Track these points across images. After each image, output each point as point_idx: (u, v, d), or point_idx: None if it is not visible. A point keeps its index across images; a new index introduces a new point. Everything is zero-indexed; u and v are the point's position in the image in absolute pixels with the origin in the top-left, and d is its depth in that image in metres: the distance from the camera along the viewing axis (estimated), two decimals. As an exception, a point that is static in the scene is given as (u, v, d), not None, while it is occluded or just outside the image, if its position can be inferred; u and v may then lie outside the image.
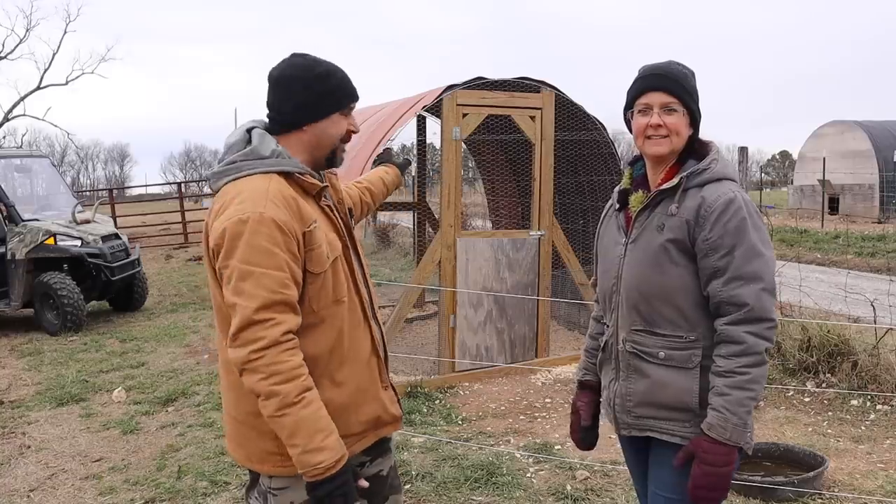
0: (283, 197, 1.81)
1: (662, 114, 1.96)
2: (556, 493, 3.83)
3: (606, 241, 2.16)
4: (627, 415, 2.06)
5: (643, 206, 2.01)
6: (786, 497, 3.68)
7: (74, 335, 8.14)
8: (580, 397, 2.32)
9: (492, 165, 9.01)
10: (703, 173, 1.95)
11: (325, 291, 1.88)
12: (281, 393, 1.72)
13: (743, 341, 1.85)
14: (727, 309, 1.88)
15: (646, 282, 1.97)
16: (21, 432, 5.09)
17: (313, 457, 1.73)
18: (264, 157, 1.88)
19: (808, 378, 5.43)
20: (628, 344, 2.03)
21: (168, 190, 48.89)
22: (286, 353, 1.74)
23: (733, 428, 1.83)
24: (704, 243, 1.89)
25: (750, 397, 1.85)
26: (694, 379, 1.94)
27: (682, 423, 1.97)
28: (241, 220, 1.76)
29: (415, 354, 6.63)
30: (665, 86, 1.96)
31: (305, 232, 1.82)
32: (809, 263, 13.49)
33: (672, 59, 2.05)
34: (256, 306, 1.72)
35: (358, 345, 1.98)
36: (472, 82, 6.02)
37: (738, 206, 1.89)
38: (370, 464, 2.14)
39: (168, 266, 14.66)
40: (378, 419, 2.04)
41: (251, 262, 1.74)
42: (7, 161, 9.46)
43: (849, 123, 22.82)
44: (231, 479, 4.10)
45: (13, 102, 30.56)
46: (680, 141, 1.99)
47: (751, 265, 1.87)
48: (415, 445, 4.51)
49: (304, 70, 1.92)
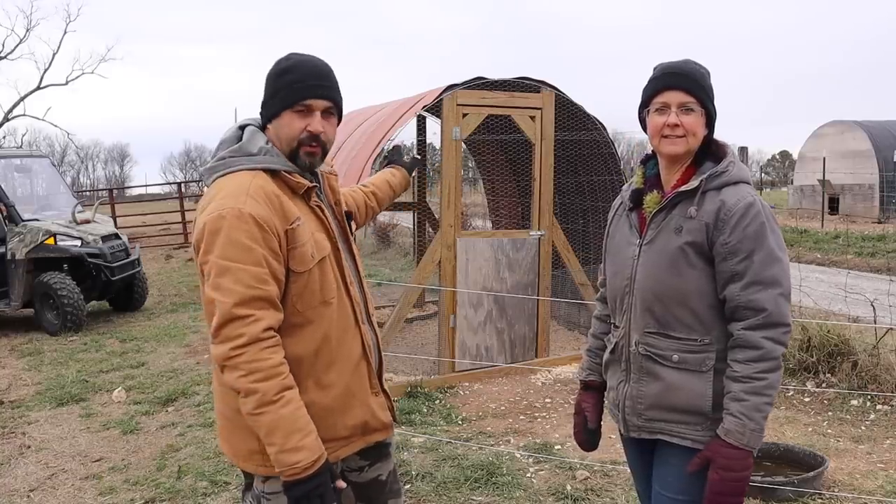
0: (264, 193, 1.80)
1: (680, 113, 1.93)
2: (556, 493, 3.83)
3: (618, 240, 2.11)
4: (638, 417, 2.04)
5: (659, 207, 1.98)
6: (786, 497, 3.68)
7: (74, 335, 8.14)
8: (585, 398, 2.29)
9: (492, 165, 9.01)
10: (722, 176, 1.94)
11: (310, 291, 1.86)
12: (260, 390, 1.71)
13: (761, 346, 1.84)
14: (745, 313, 1.87)
15: (661, 284, 1.94)
16: (21, 432, 5.09)
17: (290, 456, 1.72)
18: (251, 153, 1.88)
19: (808, 378, 5.43)
20: (641, 346, 2.00)
21: (168, 190, 48.86)
22: (266, 350, 1.73)
23: (751, 433, 1.83)
24: (723, 247, 1.88)
25: (767, 402, 1.84)
26: (707, 382, 1.93)
27: (693, 426, 1.95)
28: (219, 216, 1.76)
29: (415, 354, 6.63)
30: (683, 84, 1.94)
31: (288, 229, 1.81)
32: (809, 263, 13.49)
33: (687, 58, 2.02)
34: (234, 301, 1.72)
35: (347, 348, 1.95)
36: (472, 82, 6.02)
37: (758, 210, 1.88)
38: (368, 468, 2.13)
39: (168, 266, 14.66)
40: (366, 425, 2.02)
41: (229, 258, 1.74)
42: (7, 161, 9.46)
43: (849, 123, 22.80)
44: (231, 479, 4.10)
45: (13, 102, 30.59)
46: (696, 141, 1.96)
47: (769, 270, 1.86)
48: (415, 445, 4.51)
49: (273, 66, 1.92)
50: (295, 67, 1.88)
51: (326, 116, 1.92)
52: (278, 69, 1.90)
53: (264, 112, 1.93)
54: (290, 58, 1.92)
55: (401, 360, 6.43)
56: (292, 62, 1.90)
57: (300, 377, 1.85)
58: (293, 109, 1.88)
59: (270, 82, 1.91)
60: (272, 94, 1.90)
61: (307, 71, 1.88)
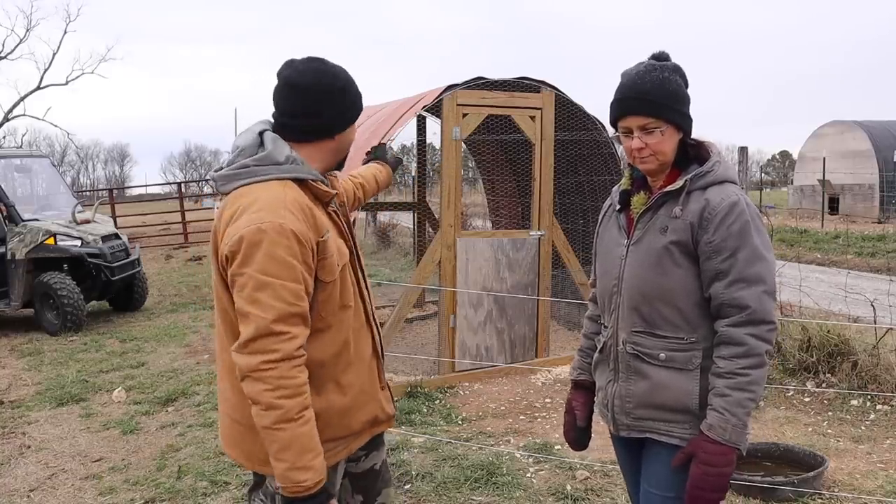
0: (300, 206, 1.80)
1: (643, 136, 1.94)
2: (556, 493, 3.83)
3: (607, 241, 2.14)
4: (626, 416, 2.05)
5: (646, 207, 2.00)
6: (786, 497, 3.68)
7: (74, 335, 8.14)
8: (575, 397, 2.31)
9: (492, 165, 9.01)
10: (707, 176, 1.95)
11: (333, 298, 1.88)
12: (284, 407, 1.71)
13: (744, 343, 1.86)
14: (729, 311, 1.88)
15: (648, 283, 1.96)
16: (21, 432, 5.09)
17: (299, 475, 1.73)
18: (279, 162, 1.85)
19: (808, 378, 5.42)
20: (629, 345, 2.02)
21: (168, 190, 48.93)
22: (296, 369, 1.74)
23: (733, 429, 1.84)
24: (707, 246, 1.89)
25: (750, 398, 1.85)
26: (694, 381, 1.94)
27: (681, 424, 1.97)
28: (259, 229, 1.73)
29: (415, 354, 6.63)
30: (640, 109, 1.93)
31: (319, 241, 1.82)
32: (809, 263, 13.49)
33: (650, 58, 2.00)
34: (273, 318, 1.71)
35: (362, 348, 1.99)
36: (472, 82, 6.02)
37: (742, 209, 1.89)
38: (365, 458, 2.17)
39: (168, 266, 14.66)
40: (375, 418, 2.07)
41: (269, 273, 1.72)
42: (7, 161, 9.46)
43: (849, 123, 22.81)
44: (231, 479, 4.10)
45: (13, 102, 30.58)
46: (665, 157, 1.97)
47: (753, 268, 1.87)
48: (415, 445, 4.51)
49: (334, 79, 1.92)
50: (352, 81, 1.97)
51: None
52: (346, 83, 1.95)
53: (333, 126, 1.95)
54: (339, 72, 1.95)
55: (401, 360, 6.43)
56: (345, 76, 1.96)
57: (322, 380, 1.87)
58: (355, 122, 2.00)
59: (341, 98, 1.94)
60: (346, 109, 1.95)
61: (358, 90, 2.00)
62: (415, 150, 9.03)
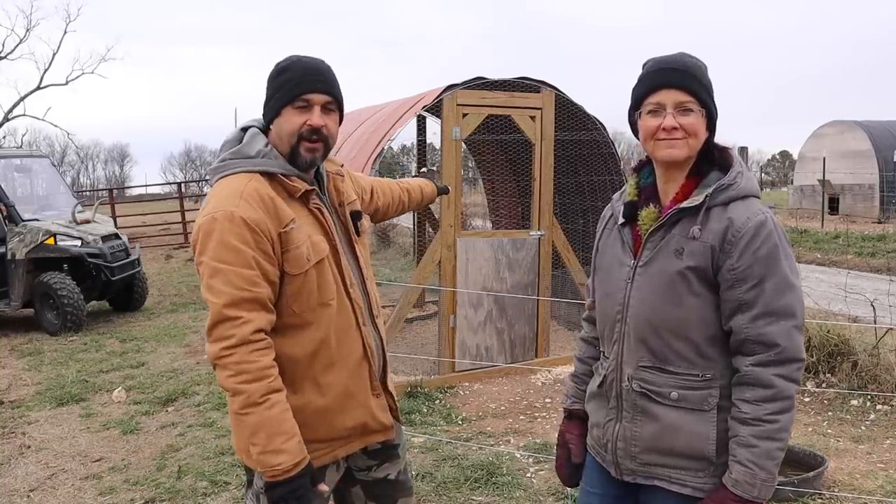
0: (258, 196, 1.82)
1: (678, 114, 1.70)
2: (556, 492, 3.83)
3: (609, 259, 1.87)
4: (631, 461, 1.81)
5: (657, 224, 1.74)
6: (786, 497, 3.68)
7: (74, 335, 8.14)
8: (570, 429, 2.06)
9: (492, 165, 9.01)
10: (729, 189, 1.70)
11: (306, 293, 1.87)
12: (246, 391, 1.73)
13: (772, 385, 1.63)
14: (753, 348, 1.65)
15: (658, 313, 1.72)
16: (21, 432, 5.09)
17: (272, 458, 1.74)
18: (249, 156, 1.90)
19: (808, 378, 5.43)
20: (635, 382, 1.77)
21: (168, 190, 48.88)
22: (255, 352, 1.75)
23: (762, 484, 1.63)
24: (731, 273, 1.65)
25: (779, 448, 1.64)
26: (710, 423, 1.71)
27: (694, 472, 1.73)
28: (212, 218, 1.79)
29: (415, 354, 6.63)
30: (680, 82, 1.70)
31: (281, 232, 1.83)
32: (809, 263, 13.51)
33: (682, 51, 1.79)
34: (224, 303, 1.75)
35: (347, 350, 1.95)
36: (472, 82, 6.02)
37: (770, 230, 1.65)
38: (377, 468, 2.15)
39: (168, 266, 14.67)
40: (365, 426, 2.02)
41: (221, 260, 1.77)
42: (7, 161, 9.47)
43: (849, 123, 22.81)
44: (231, 479, 4.10)
45: (13, 102, 30.65)
46: (698, 143, 1.73)
47: (783, 299, 1.64)
48: (415, 445, 4.51)
49: (272, 69, 1.94)
50: (292, 66, 1.90)
51: (327, 111, 1.92)
52: (276, 69, 1.92)
53: (266, 114, 1.95)
54: (287, 59, 1.94)
55: (401, 360, 6.43)
56: (289, 62, 1.92)
57: (297, 378, 1.87)
58: (293, 105, 1.88)
59: (270, 83, 1.93)
60: (272, 94, 1.92)
61: (304, 67, 1.90)
62: (415, 150, 9.03)
